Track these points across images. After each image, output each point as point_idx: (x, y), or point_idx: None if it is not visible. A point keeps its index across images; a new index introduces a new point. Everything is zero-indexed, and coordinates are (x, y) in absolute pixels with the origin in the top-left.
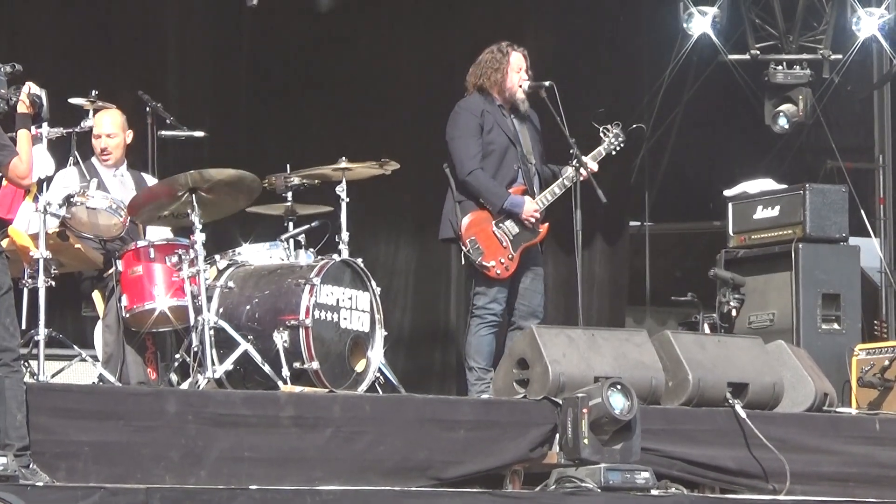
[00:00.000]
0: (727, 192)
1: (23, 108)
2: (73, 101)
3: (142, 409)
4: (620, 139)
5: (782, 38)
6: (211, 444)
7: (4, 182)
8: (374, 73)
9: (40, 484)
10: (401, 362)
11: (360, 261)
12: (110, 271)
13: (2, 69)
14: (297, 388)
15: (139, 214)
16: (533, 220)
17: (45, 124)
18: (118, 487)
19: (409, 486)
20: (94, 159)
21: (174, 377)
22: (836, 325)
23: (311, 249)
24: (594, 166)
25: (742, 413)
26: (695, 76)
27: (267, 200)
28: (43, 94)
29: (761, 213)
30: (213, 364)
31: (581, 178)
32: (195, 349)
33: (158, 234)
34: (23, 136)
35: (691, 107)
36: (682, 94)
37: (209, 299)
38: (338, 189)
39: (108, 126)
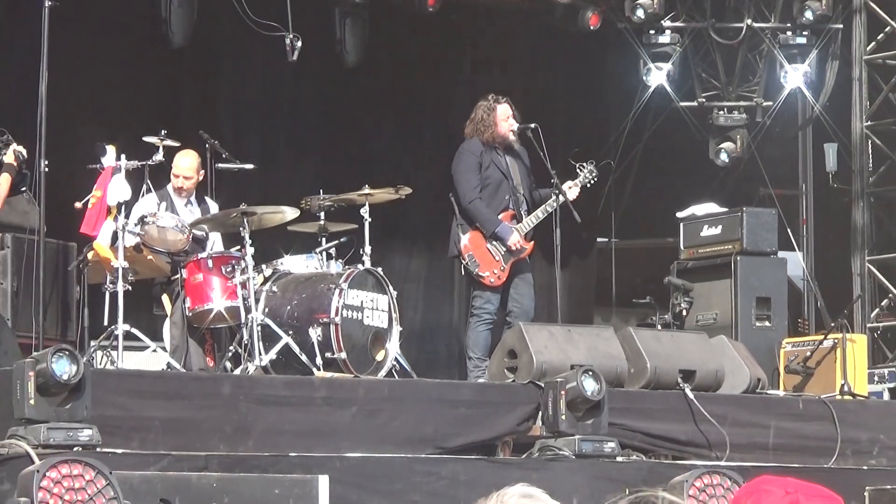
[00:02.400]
0: (679, 214)
1: (10, 160)
2: (146, 139)
3: (202, 390)
4: (594, 174)
5: (724, 89)
6: (257, 420)
7: (93, 200)
8: (392, 116)
9: (119, 451)
10: (413, 353)
11: (380, 269)
12: (176, 278)
13: None
14: (328, 374)
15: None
16: (515, 248)
17: (122, 156)
18: (182, 454)
19: (418, 454)
20: (168, 187)
21: (228, 365)
22: (767, 323)
23: (340, 260)
24: (573, 194)
25: (690, 394)
26: (652, 119)
27: (303, 220)
28: (24, 152)
29: (707, 232)
30: (259, 354)
31: (560, 204)
32: (245, 342)
33: (216, 247)
34: (4, 178)
35: (650, 145)
36: (643, 134)
37: (257, 301)
38: (362, 211)
39: (186, 170)
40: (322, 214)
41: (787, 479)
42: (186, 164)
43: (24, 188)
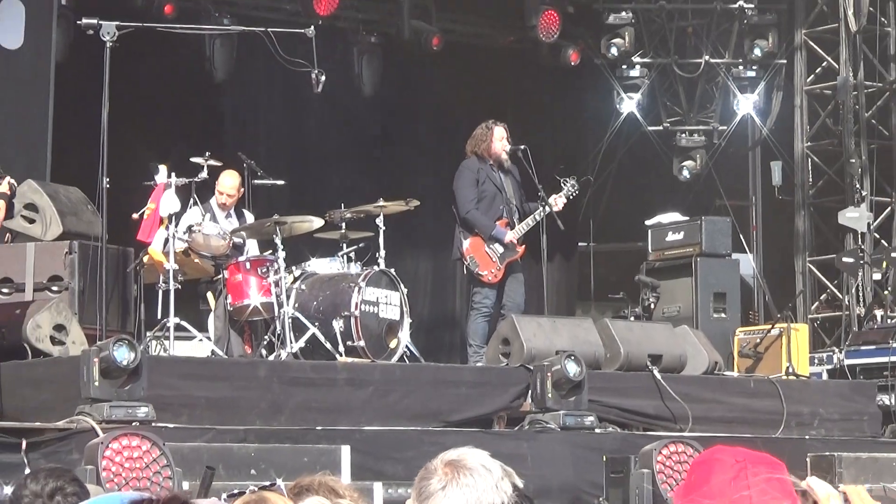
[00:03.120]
0: (647, 222)
1: (4, 189)
2: (193, 159)
3: (241, 373)
4: (575, 188)
5: (685, 115)
6: (289, 398)
7: (147, 212)
8: (403, 139)
9: (171, 425)
10: (421, 341)
11: (392, 270)
12: (219, 278)
13: None
14: (349, 359)
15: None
16: (511, 243)
17: (173, 174)
18: (225, 428)
19: (426, 427)
20: (212, 200)
21: (263, 352)
22: (722, 315)
23: (359, 262)
24: (558, 206)
25: (658, 375)
26: (624, 141)
27: (327, 228)
28: (15, 183)
29: (671, 237)
30: (290, 343)
31: (547, 213)
32: (278, 332)
33: (253, 251)
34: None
35: (622, 163)
36: (616, 153)
37: (288, 297)
38: (377, 220)
39: (230, 189)
40: (343, 224)
41: (737, 448)
42: (230, 183)
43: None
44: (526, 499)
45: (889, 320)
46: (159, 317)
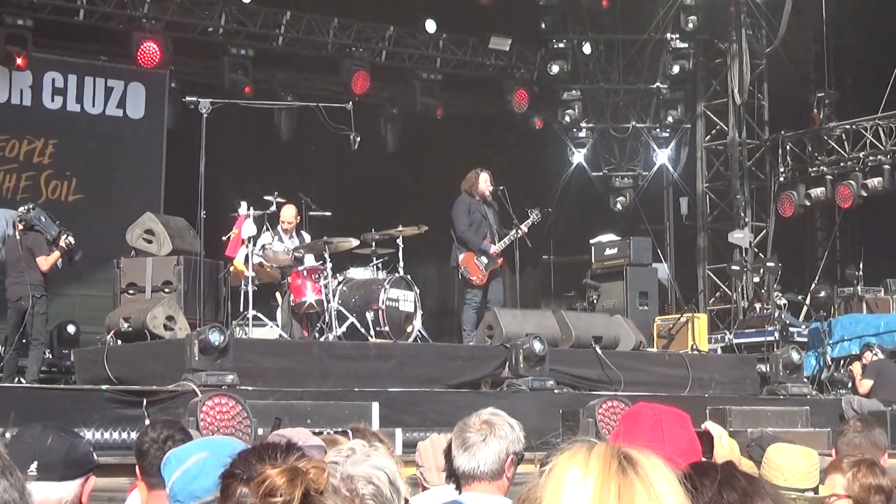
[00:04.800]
0: (591, 241)
1: (63, 244)
2: (265, 197)
3: (300, 350)
4: (538, 217)
5: (618, 164)
6: (334, 368)
7: (233, 235)
8: (416, 181)
9: (250, 388)
10: (430, 327)
11: (408, 276)
12: (284, 282)
13: (56, 222)
14: (378, 340)
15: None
16: (494, 254)
17: (251, 207)
18: (288, 390)
19: (432, 389)
20: (278, 226)
21: (316, 335)
22: (645, 307)
23: (384, 270)
24: (526, 230)
25: (599, 351)
26: (575, 183)
27: (362, 246)
28: (73, 241)
29: (608, 251)
30: (335, 328)
31: (519, 235)
32: (327, 321)
33: (308, 262)
34: (55, 255)
35: (573, 198)
36: (569, 192)
37: (333, 295)
38: (397, 240)
39: (290, 217)
40: (373, 243)
41: (655, 404)
42: (290, 214)
43: (76, 258)
44: (529, 444)
45: (765, 311)
46: (241, 310)
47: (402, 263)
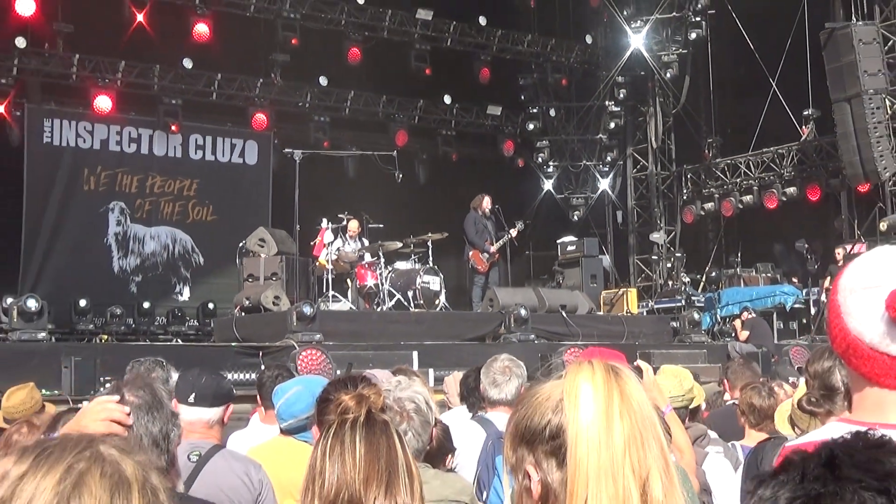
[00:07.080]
0: (558, 241)
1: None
2: (339, 215)
3: (364, 318)
4: (522, 226)
5: (575, 189)
6: (387, 329)
7: (317, 241)
8: (441, 202)
9: (331, 343)
10: (451, 300)
11: (436, 266)
12: (353, 272)
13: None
14: (416, 310)
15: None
16: (493, 251)
17: (329, 222)
18: (356, 344)
19: (454, 342)
20: (347, 234)
21: (375, 307)
22: (595, 285)
23: (420, 263)
24: (514, 234)
25: (564, 314)
26: (545, 202)
27: (404, 247)
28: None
29: (570, 248)
30: (387, 302)
31: (509, 238)
32: (382, 297)
33: (367, 259)
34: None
35: (545, 214)
36: (541, 210)
37: (386, 280)
38: (428, 243)
39: (354, 228)
40: (411, 244)
41: (602, 348)
42: (354, 226)
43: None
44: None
45: (675, 286)
46: (324, 291)
47: (431, 258)
